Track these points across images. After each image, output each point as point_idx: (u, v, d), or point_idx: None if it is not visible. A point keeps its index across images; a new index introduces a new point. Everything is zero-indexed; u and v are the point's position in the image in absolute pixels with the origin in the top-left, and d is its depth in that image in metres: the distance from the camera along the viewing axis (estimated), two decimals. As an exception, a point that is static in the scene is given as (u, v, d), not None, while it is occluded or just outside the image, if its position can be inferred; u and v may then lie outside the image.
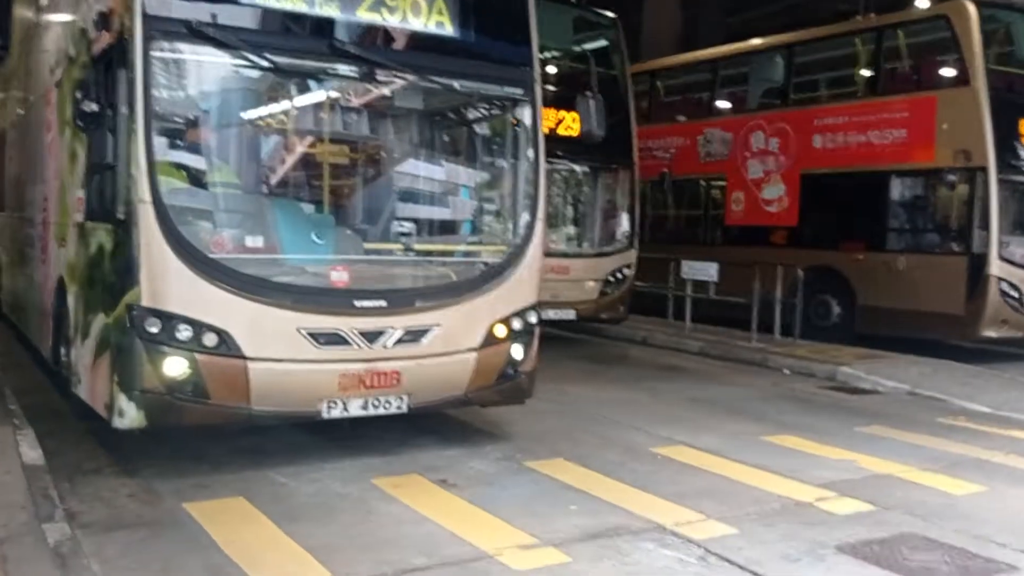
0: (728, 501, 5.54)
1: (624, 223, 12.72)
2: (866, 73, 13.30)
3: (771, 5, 24.90)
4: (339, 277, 5.95)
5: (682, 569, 4.45)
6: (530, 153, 6.64)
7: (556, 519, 5.08)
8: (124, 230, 5.46)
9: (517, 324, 6.46)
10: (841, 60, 13.90)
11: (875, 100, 12.55)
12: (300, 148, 6.85)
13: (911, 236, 12.18)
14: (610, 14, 13.19)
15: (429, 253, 6.87)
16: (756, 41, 15.32)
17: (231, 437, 6.37)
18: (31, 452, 5.62)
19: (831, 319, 12.80)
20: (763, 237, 13.79)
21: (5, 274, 11.90)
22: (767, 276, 11.99)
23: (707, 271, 12.54)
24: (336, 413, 5.83)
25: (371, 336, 5.82)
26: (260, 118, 6.73)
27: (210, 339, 5.41)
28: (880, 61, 12.84)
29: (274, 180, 6.84)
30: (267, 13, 5.80)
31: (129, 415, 5.43)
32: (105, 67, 5.71)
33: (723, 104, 15.42)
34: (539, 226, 6.59)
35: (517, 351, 6.50)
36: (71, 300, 6.84)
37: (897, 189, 12.16)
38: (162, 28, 5.35)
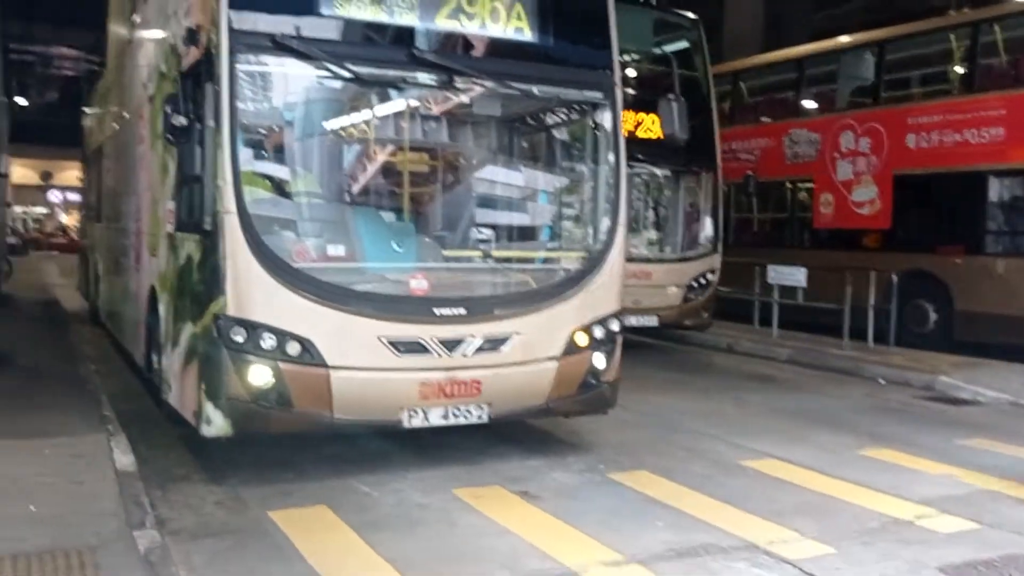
0: (824, 519, 5.31)
1: (707, 227, 12.48)
2: (961, 70, 12.77)
3: (857, 1, 24.19)
4: (419, 285, 5.94)
5: (774, 590, 4.28)
6: (610, 157, 6.52)
7: (641, 535, 4.94)
8: (211, 240, 5.55)
9: (599, 332, 6.34)
10: (935, 56, 13.37)
11: (971, 98, 12.05)
12: (380, 156, 6.88)
13: (1011, 238, 11.64)
14: (691, 15, 12.98)
15: (508, 260, 6.81)
16: (845, 38, 14.88)
17: (314, 445, 6.42)
18: (124, 458, 5.75)
19: (927, 326, 12.31)
20: (854, 240, 13.37)
21: (102, 283, 12.33)
22: (859, 281, 11.59)
23: (795, 276, 12.19)
24: (417, 422, 5.81)
25: (451, 344, 5.79)
26: (341, 128, 6.78)
27: (293, 348, 5.45)
28: (976, 57, 12.32)
29: (355, 189, 6.88)
30: (348, 24, 5.84)
31: (216, 423, 5.52)
32: (193, 81, 5.83)
33: (810, 104, 15.01)
34: (621, 231, 6.46)
35: (599, 360, 6.38)
36: (162, 309, 7.01)
37: (995, 190, 11.66)
38: (247, 42, 5.44)
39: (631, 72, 12.38)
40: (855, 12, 23.64)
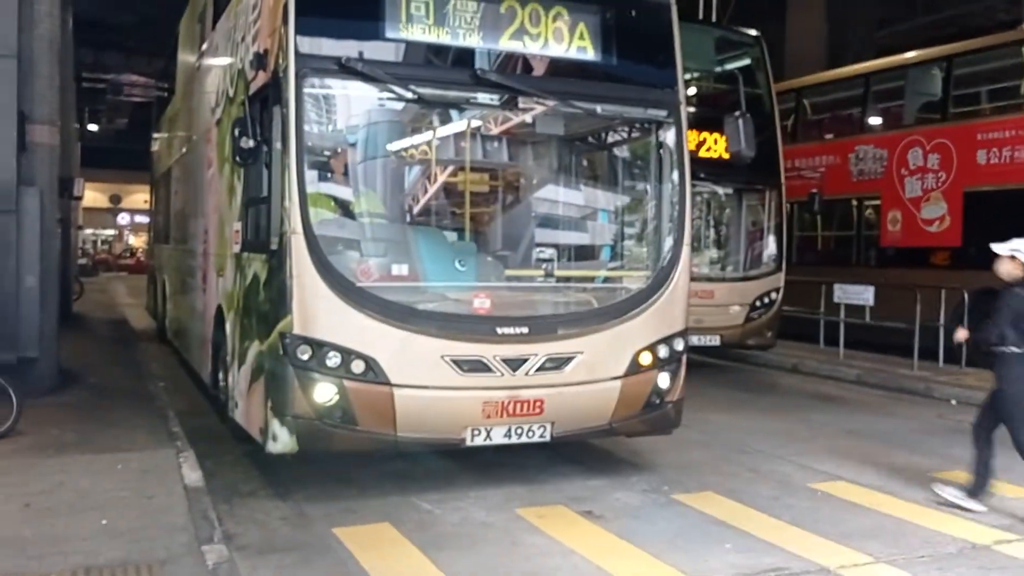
0: (897, 543, 5.16)
1: (771, 245, 12.30)
2: (1032, 85, 12.41)
3: (923, 17, 23.72)
4: (481, 304, 5.94)
5: (848, 616, 4.16)
6: (675, 176, 6.47)
7: (708, 557, 4.86)
8: (277, 260, 5.64)
9: (663, 352, 6.26)
10: (1005, 71, 13.01)
11: (1043, 113, 11.69)
12: (443, 177, 6.92)
13: (1088, 255, 11.21)
14: (753, 32, 12.86)
15: (571, 279, 6.79)
16: (912, 54, 14.59)
17: (376, 462, 6.46)
18: (192, 474, 5.85)
19: (1001, 346, 11.90)
20: (923, 258, 13.03)
21: (169, 302, 12.62)
22: (928, 299, 11.30)
23: (862, 295, 11.94)
24: (480, 441, 5.80)
25: (514, 363, 5.77)
26: (404, 149, 6.85)
27: (358, 366, 5.49)
28: (1047, 71, 11.97)
29: (417, 209, 6.94)
30: (412, 46, 5.90)
31: (282, 440, 5.57)
32: (261, 105, 5.95)
33: (876, 120, 14.73)
34: (685, 250, 6.39)
35: (663, 379, 6.30)
36: (229, 327, 7.14)
37: (1069, 206, 11.25)
38: (314, 65, 5.53)
39: (692, 90, 12.31)
40: (920, 29, 23.17)
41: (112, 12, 22.75)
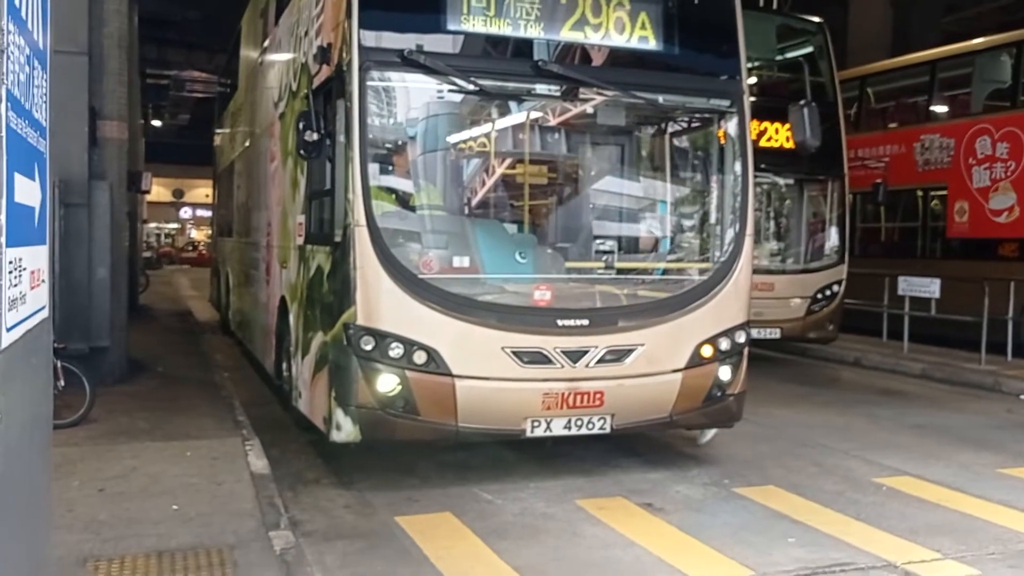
0: (966, 539, 5.04)
1: (833, 237, 12.08)
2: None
3: (990, 2, 23.04)
4: (541, 296, 5.96)
5: (917, 613, 4.09)
6: (737, 166, 6.40)
7: (772, 551, 4.81)
8: (341, 252, 5.72)
9: (725, 344, 6.22)
10: (1077, 56, 12.59)
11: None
12: (502, 169, 6.95)
13: None
14: (815, 19, 12.62)
15: (631, 271, 6.76)
16: (980, 40, 14.18)
17: (437, 452, 6.52)
18: (258, 462, 5.97)
19: (1071, 339, 11.56)
20: (991, 250, 12.68)
21: (232, 294, 12.86)
22: (996, 292, 11.00)
23: (928, 287, 11.66)
24: (540, 432, 5.82)
25: (574, 355, 5.78)
26: (465, 141, 6.89)
27: (420, 357, 5.55)
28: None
29: (477, 201, 6.97)
30: (473, 38, 5.92)
31: (346, 429, 5.66)
32: (324, 98, 6.03)
33: (942, 108, 14.37)
34: (748, 242, 6.33)
35: (725, 372, 6.25)
36: (292, 319, 7.26)
37: None
38: (377, 58, 5.59)
39: (754, 79, 12.14)
40: (986, 15, 22.52)
41: (176, 9, 23.21)
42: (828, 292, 11.82)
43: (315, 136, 5.83)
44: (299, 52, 7.32)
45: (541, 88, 6.09)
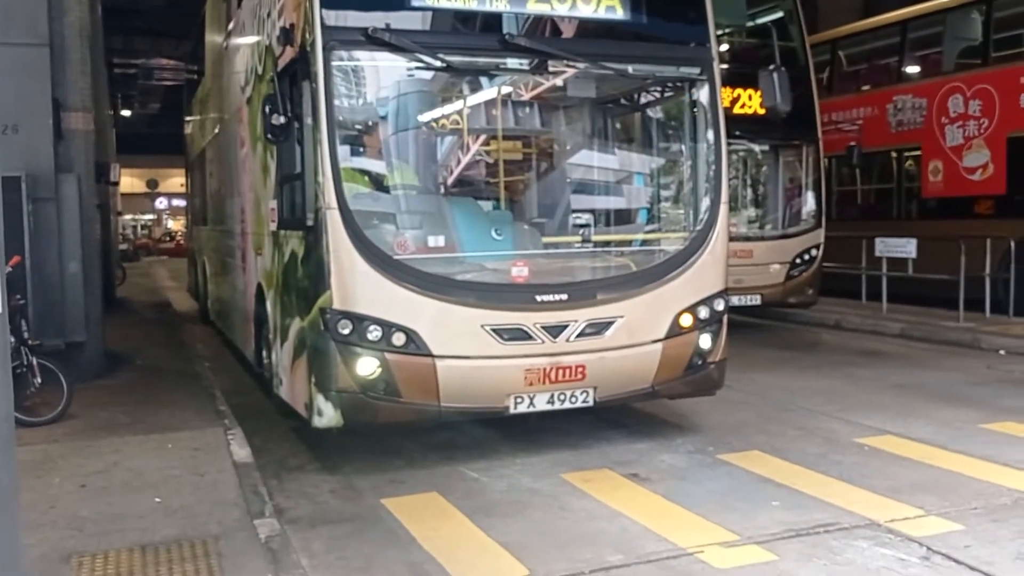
0: (949, 495, 5.09)
1: (809, 202, 12.13)
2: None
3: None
4: (519, 272, 5.93)
5: (903, 570, 4.10)
6: (710, 134, 6.37)
7: (757, 515, 4.83)
8: (314, 236, 5.66)
9: (704, 312, 6.21)
10: (1047, 11, 12.62)
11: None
12: (475, 145, 6.89)
13: None
14: (784, -17, 12.57)
15: (609, 244, 6.75)
16: (949, -2, 14.19)
17: (422, 433, 6.50)
18: (240, 451, 5.94)
19: (1049, 293, 11.66)
20: (966, 208, 12.76)
21: (210, 283, 12.76)
22: (972, 250, 11.08)
23: (905, 248, 11.73)
24: (523, 408, 5.81)
25: (554, 330, 5.76)
26: (435, 118, 6.82)
27: (399, 338, 5.51)
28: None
29: (451, 179, 6.92)
30: (439, 13, 5.85)
31: (327, 414, 5.63)
32: (290, 80, 5.94)
33: (914, 69, 14.39)
34: (723, 209, 6.31)
35: (705, 340, 6.26)
36: (269, 306, 7.20)
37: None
38: (341, 38, 5.50)
39: (724, 46, 12.10)
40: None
41: (139, -4, 22.83)
42: (807, 257, 11.88)
43: (282, 119, 5.76)
44: (263, 34, 7.21)
45: (510, 62, 6.03)
